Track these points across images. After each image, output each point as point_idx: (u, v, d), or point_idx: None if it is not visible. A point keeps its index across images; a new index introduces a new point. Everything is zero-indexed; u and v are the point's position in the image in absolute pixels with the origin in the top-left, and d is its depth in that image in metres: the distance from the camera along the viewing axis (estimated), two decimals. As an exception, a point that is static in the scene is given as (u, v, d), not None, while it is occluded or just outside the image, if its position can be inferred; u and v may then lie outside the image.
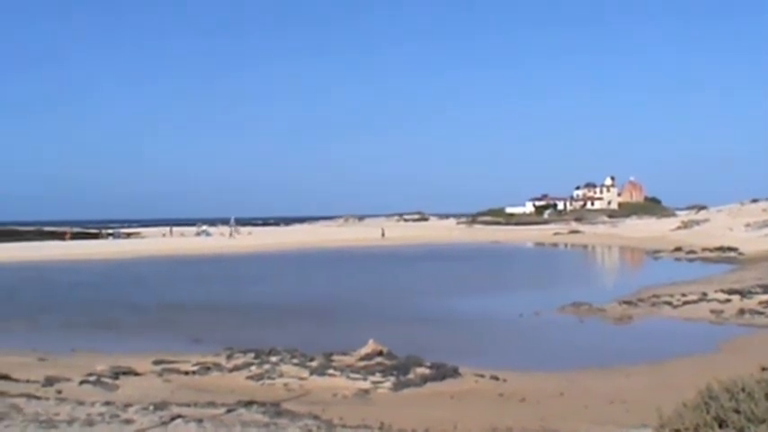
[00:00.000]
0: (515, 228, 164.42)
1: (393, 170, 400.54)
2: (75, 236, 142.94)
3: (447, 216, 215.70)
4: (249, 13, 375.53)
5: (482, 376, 21.70)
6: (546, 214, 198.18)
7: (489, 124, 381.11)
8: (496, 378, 21.54)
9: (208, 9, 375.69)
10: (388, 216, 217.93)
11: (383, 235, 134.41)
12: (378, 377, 21.40)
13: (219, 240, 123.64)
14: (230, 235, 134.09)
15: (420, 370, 22.04)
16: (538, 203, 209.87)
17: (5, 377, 20.04)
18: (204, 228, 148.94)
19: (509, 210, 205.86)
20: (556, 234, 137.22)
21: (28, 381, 19.74)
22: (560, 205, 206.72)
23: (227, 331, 32.39)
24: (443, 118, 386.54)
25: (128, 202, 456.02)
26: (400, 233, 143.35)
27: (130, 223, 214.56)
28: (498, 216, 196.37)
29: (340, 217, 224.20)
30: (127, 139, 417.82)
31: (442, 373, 21.77)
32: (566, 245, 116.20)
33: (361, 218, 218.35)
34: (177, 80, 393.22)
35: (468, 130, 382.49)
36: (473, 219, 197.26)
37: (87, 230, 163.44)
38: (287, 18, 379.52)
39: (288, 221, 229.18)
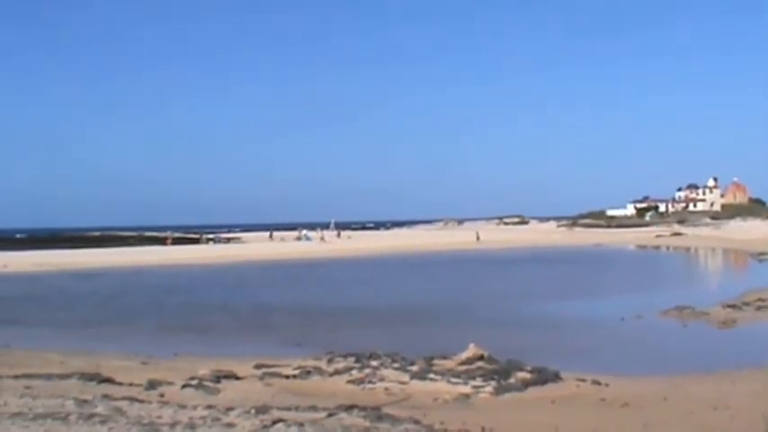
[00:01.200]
0: (616, 230, 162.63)
1: (493, 173, 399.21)
2: (176, 241, 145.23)
3: (547, 219, 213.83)
4: (356, 17, 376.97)
5: (583, 381, 21.41)
6: (647, 216, 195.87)
7: (590, 125, 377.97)
8: (598, 383, 21.22)
9: (307, 14, 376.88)
10: (487, 219, 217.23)
11: (478, 239, 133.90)
12: (479, 381, 21.23)
13: (320, 245, 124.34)
14: (321, 239, 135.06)
15: (521, 374, 21.82)
16: (639, 206, 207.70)
17: (109, 380, 20.36)
18: (305, 232, 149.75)
19: (610, 212, 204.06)
20: (658, 236, 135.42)
21: (131, 384, 20.00)
22: (662, 207, 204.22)
23: (328, 335, 32.51)
24: (544, 119, 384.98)
25: (228, 207, 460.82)
26: (497, 237, 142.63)
27: (231, 228, 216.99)
28: (599, 219, 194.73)
29: (440, 221, 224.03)
30: (228, 144, 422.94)
31: (544, 377, 21.54)
32: (668, 247, 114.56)
33: (460, 221, 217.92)
34: (277, 85, 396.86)
35: (569, 132, 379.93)
36: (573, 222, 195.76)
37: (188, 235, 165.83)
38: (399, 20, 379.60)
39: (388, 225, 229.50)
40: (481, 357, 23.94)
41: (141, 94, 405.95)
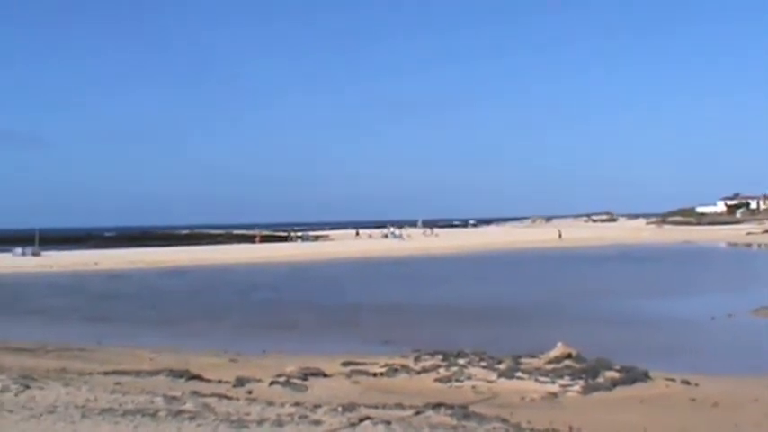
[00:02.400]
0: (706, 228, 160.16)
1: (582, 170, 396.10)
2: (265, 239, 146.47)
3: (636, 216, 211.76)
4: (437, 14, 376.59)
5: (673, 380, 21.10)
6: (738, 213, 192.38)
7: (680, 122, 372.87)
8: (688, 382, 20.88)
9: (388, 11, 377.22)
10: (575, 217, 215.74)
11: (560, 236, 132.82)
12: (566, 380, 21.06)
13: (407, 242, 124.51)
14: (402, 236, 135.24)
15: (609, 373, 21.59)
16: (729, 202, 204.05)
17: (198, 377, 20.56)
18: (392, 230, 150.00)
19: (700, 209, 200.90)
20: (749, 234, 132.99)
21: (219, 381, 20.18)
22: (753, 204, 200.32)
23: (415, 333, 32.50)
24: (634, 116, 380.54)
25: (317, 206, 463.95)
26: (581, 234, 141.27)
27: (320, 226, 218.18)
28: (689, 216, 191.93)
29: (527, 218, 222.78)
30: (317, 142, 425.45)
31: (632, 376, 21.27)
32: (759, 245, 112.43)
33: (548, 219, 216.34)
34: (364, 82, 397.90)
35: (659, 129, 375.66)
36: (663, 219, 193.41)
37: (276, 233, 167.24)
38: (481, 17, 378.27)
39: (475, 223, 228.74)
40: (569, 356, 23.74)
41: (235, 94, 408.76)
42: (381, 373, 22.73)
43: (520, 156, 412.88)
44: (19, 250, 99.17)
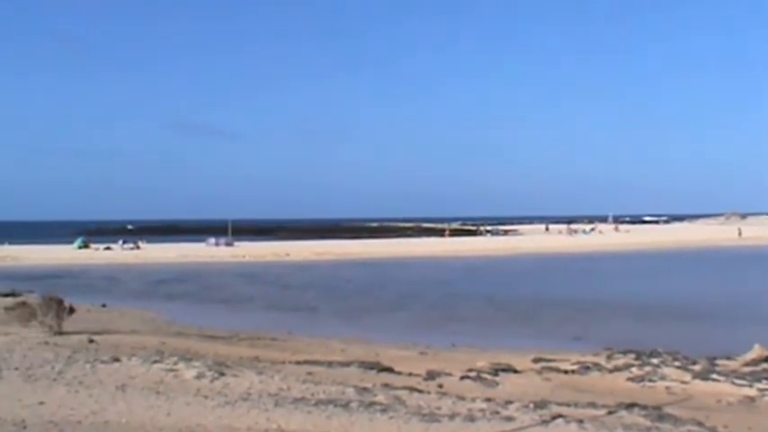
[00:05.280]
0: None
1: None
2: (454, 232, 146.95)
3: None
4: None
5: None
6: None
7: None
8: None
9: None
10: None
11: (740, 234, 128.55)
12: (765, 384, 20.30)
13: (597, 238, 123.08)
14: (591, 232, 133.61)
15: (812, 378, 20.77)
16: None
17: (389, 369, 20.69)
18: (582, 225, 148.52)
19: None
20: None
21: (410, 374, 20.25)
22: None
23: (605, 329, 32.08)
24: None
25: (507, 200, 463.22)
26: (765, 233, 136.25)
27: (510, 220, 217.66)
28: None
29: (722, 215, 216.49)
30: (508, 140, 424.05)
31: (838, 382, 20.39)
32: None
33: (743, 216, 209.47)
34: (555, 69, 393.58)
35: None
36: None
37: (465, 227, 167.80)
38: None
39: (667, 219, 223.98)
40: (767, 359, 22.98)
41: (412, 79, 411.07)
42: (573, 371, 22.44)
43: (712, 152, 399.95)
44: (212, 240, 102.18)
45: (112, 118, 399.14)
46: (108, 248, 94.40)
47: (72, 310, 25.80)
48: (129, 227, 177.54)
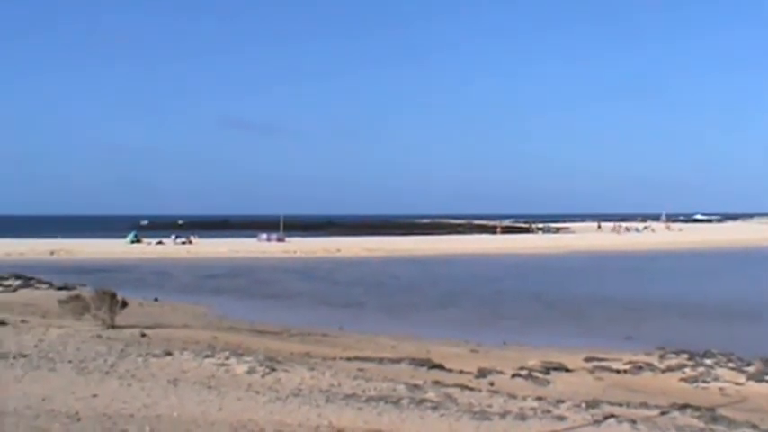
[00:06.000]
0: None
1: None
2: (506, 230, 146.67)
3: None
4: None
5: None
6: None
7: None
8: None
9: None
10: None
11: None
12: (821, 386, 20.10)
13: (649, 236, 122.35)
14: (644, 230, 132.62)
15: None
16: None
17: (440, 366, 20.65)
18: (634, 224, 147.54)
19: None
20: None
21: (461, 371, 20.20)
22: None
23: (658, 330, 31.79)
24: None
25: (558, 198, 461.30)
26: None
27: (563, 218, 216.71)
28: None
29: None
30: (564, 141, 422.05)
31: None
32: None
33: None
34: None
35: None
36: None
37: (517, 225, 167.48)
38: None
39: (722, 218, 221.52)
40: (824, 361, 22.72)
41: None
42: (625, 370, 22.29)
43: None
44: (264, 236, 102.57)
45: (166, 114, 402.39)
46: (160, 243, 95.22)
47: (125, 304, 25.94)
48: (180, 222, 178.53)
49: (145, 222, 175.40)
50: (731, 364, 22.82)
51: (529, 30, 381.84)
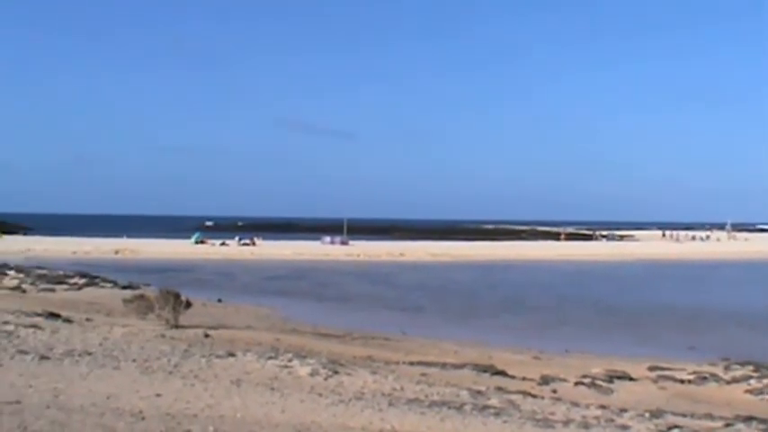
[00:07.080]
0: None
1: None
2: (570, 236, 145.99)
3: None
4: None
5: None
6: None
7: None
8: None
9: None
10: None
11: None
12: None
13: (713, 245, 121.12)
14: (717, 239, 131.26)
15: None
16: None
17: (502, 373, 20.62)
18: (695, 232, 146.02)
19: None
20: None
21: (524, 378, 20.18)
22: None
23: (722, 340, 31.45)
24: None
25: (623, 205, 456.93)
26: None
27: (626, 226, 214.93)
28: None
29: None
30: (630, 146, 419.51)
31: None
32: None
33: None
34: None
35: None
36: None
37: (581, 231, 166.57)
38: None
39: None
40: None
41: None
42: (689, 381, 22.07)
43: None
44: (327, 239, 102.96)
45: (229, 116, 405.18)
46: (224, 244, 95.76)
47: (188, 305, 26.17)
48: (239, 223, 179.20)
49: (210, 223, 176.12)
50: (799, 377, 22.49)
51: (600, 34, 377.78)
